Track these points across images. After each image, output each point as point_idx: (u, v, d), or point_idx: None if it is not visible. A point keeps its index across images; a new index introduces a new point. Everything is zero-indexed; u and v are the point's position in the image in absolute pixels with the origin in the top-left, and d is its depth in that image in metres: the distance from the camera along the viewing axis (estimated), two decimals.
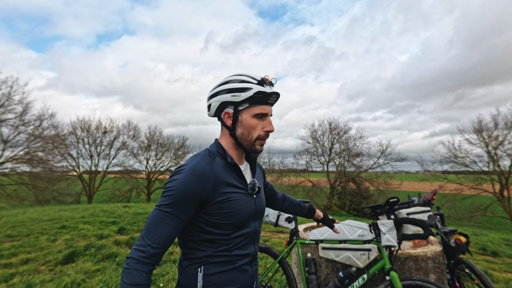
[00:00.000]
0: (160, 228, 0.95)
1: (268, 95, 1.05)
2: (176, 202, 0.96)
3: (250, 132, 1.07)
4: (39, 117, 19.46)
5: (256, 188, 1.11)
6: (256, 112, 1.06)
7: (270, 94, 1.05)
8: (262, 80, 1.06)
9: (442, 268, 2.16)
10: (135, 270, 0.91)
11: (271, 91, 1.06)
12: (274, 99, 1.08)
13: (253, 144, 1.08)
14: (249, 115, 1.06)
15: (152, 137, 28.51)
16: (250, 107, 1.06)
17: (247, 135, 1.07)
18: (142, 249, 0.93)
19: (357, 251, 1.96)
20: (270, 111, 1.09)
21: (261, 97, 1.04)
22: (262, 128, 1.07)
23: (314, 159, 25.19)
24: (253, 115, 1.06)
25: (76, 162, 25.18)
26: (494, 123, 18.43)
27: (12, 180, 18.68)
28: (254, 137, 1.07)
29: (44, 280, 3.21)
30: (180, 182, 0.98)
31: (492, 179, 18.23)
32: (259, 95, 1.04)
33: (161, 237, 0.95)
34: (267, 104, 1.07)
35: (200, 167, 1.01)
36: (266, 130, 1.08)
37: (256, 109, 1.06)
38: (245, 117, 1.07)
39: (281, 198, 1.57)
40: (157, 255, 0.95)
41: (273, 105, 1.11)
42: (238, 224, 1.05)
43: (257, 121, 1.07)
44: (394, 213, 2.13)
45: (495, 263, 4.43)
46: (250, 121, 1.06)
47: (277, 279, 3.38)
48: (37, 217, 7.35)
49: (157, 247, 0.94)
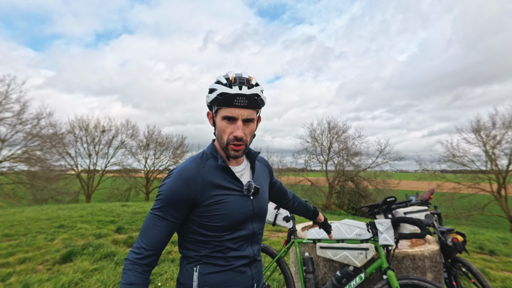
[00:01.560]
0: (152, 231, 0.99)
1: (231, 97, 0.97)
2: (165, 205, 1.00)
3: (221, 135, 1.04)
4: (37, 116, 19.40)
5: (252, 189, 1.09)
6: (223, 114, 1.01)
7: (233, 95, 0.97)
8: (228, 80, 1.00)
9: (439, 267, 2.17)
10: (130, 271, 0.96)
11: (235, 93, 0.97)
12: (241, 101, 0.98)
13: (226, 148, 1.04)
14: (219, 117, 1.03)
15: (151, 136, 28.48)
16: (220, 109, 1.02)
17: (220, 138, 1.05)
18: (136, 251, 0.98)
19: (354, 250, 1.96)
20: (240, 114, 1.00)
21: (224, 99, 0.98)
22: (231, 132, 1.02)
23: (313, 158, 25.24)
24: (222, 117, 1.02)
25: (74, 161, 25.12)
26: (492, 122, 18.52)
27: (10, 179, 18.61)
28: (225, 141, 1.03)
29: (41, 279, 3.20)
30: (168, 186, 1.01)
31: (489, 178, 18.31)
32: (221, 96, 0.99)
33: (153, 240, 0.99)
34: (234, 107, 0.99)
35: (187, 170, 1.02)
36: (234, 135, 1.01)
37: (224, 111, 1.01)
38: (218, 119, 1.04)
39: (292, 197, 1.55)
40: (151, 256, 0.99)
41: (247, 107, 1.00)
42: (231, 226, 1.03)
43: (226, 124, 1.02)
44: (391, 212, 2.13)
45: (492, 261, 4.45)
46: (220, 124, 1.03)
47: (275, 278, 3.38)
48: (35, 216, 7.32)
49: (150, 249, 0.98)
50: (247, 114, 1.01)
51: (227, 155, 1.06)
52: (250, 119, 1.03)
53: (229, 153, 1.05)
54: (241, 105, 0.99)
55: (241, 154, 1.06)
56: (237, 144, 1.02)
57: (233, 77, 1.01)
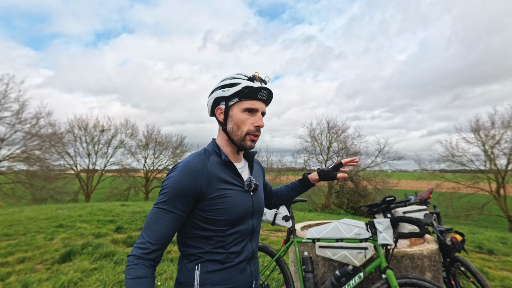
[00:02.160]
0: (158, 225, 0.98)
1: (257, 90, 1.06)
2: (171, 198, 1.00)
3: (239, 127, 1.08)
4: (36, 115, 19.37)
5: (253, 185, 1.12)
6: (245, 106, 1.07)
7: (259, 88, 1.06)
8: (252, 76, 1.09)
9: (438, 266, 2.17)
10: (136, 265, 0.94)
11: (259, 86, 1.06)
12: (264, 94, 1.08)
13: (243, 139, 1.08)
14: (239, 110, 1.08)
15: (150, 136, 28.46)
16: (240, 101, 1.07)
17: (237, 129, 1.08)
18: (142, 246, 0.96)
19: (353, 250, 1.96)
20: (260, 107, 1.09)
21: (249, 92, 1.05)
22: (252, 123, 1.08)
23: (312, 157, 25.25)
24: (243, 109, 1.07)
25: (73, 161, 25.09)
26: (491, 122, 18.58)
27: (9, 178, 18.58)
28: (244, 132, 1.08)
29: (40, 279, 3.20)
30: (174, 179, 1.01)
31: (488, 178, 18.35)
32: (247, 89, 1.05)
33: (160, 233, 0.98)
34: (256, 100, 1.08)
35: (193, 164, 1.04)
36: (256, 125, 1.08)
37: (245, 104, 1.07)
38: (235, 112, 1.08)
39: (275, 194, 1.54)
40: (157, 251, 0.98)
41: (265, 101, 1.11)
42: (233, 220, 1.05)
43: (247, 116, 1.07)
44: (390, 211, 2.14)
45: (491, 261, 4.47)
46: (239, 116, 1.07)
47: (274, 278, 3.39)
48: (34, 216, 7.32)
49: (156, 243, 0.97)
50: (264, 108, 1.11)
51: (243, 147, 1.11)
52: (264, 113, 1.12)
53: (246, 144, 1.09)
54: (263, 98, 1.09)
55: (254, 146, 1.12)
56: (256, 134, 1.09)
57: (256, 74, 1.09)
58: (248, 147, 1.10)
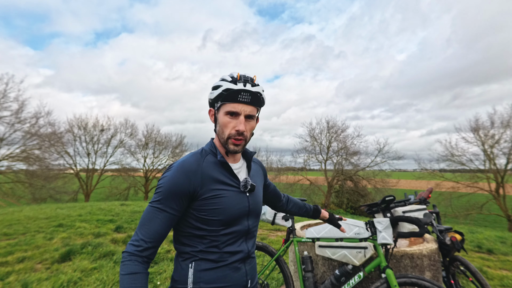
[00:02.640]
0: (152, 223, 1.00)
1: (236, 92, 1.03)
2: (165, 198, 1.01)
3: (223, 130, 1.08)
4: (35, 115, 19.35)
5: (249, 186, 1.12)
6: (227, 109, 1.06)
7: (238, 91, 1.03)
8: (234, 78, 1.07)
9: (438, 265, 2.17)
10: (129, 261, 0.96)
11: (239, 88, 1.03)
12: (245, 97, 1.04)
13: (226, 143, 1.08)
14: (222, 113, 1.07)
15: (150, 135, 28.44)
16: (223, 104, 1.07)
17: (221, 132, 1.09)
18: (135, 244, 0.98)
19: (353, 249, 1.97)
20: (243, 109, 1.05)
21: (228, 94, 1.04)
22: (233, 127, 1.06)
23: (312, 157, 25.25)
24: (225, 112, 1.07)
25: (73, 160, 25.07)
26: (490, 121, 18.58)
27: (9, 178, 18.56)
28: (226, 135, 1.07)
29: (40, 278, 3.20)
30: (168, 178, 1.02)
31: (488, 178, 18.37)
32: (226, 92, 1.04)
33: (153, 232, 0.99)
34: (237, 102, 1.05)
35: (187, 164, 1.05)
36: (236, 129, 1.05)
37: (227, 107, 1.06)
38: (220, 115, 1.09)
39: (285, 200, 1.56)
40: (150, 249, 0.99)
41: (250, 103, 1.06)
42: (228, 221, 1.06)
43: (229, 119, 1.06)
44: (390, 211, 2.14)
45: (490, 260, 4.47)
46: (222, 119, 1.07)
47: (274, 277, 3.39)
48: (34, 215, 7.31)
49: (150, 241, 0.99)
50: (249, 110, 1.07)
51: (227, 150, 1.09)
52: (252, 115, 1.08)
53: (229, 148, 1.08)
54: (245, 100, 1.05)
55: (240, 150, 1.09)
56: (238, 138, 1.06)
57: (239, 75, 1.07)
58: (231, 150, 1.08)
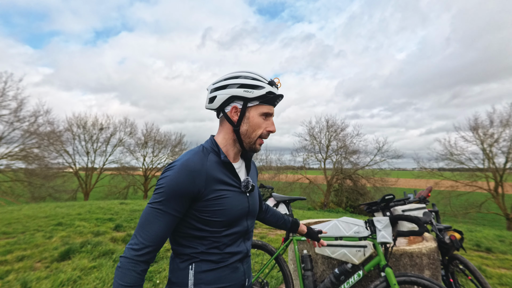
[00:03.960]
0: (153, 226, 0.95)
1: (277, 97, 1.10)
2: (167, 199, 0.96)
3: (254, 130, 1.08)
4: (34, 114, 19.33)
5: (250, 186, 1.10)
6: (264, 111, 1.08)
7: (278, 96, 1.10)
8: (272, 81, 1.10)
9: (437, 264, 2.18)
10: (128, 270, 0.92)
11: (279, 94, 1.10)
12: (279, 101, 1.13)
13: (254, 143, 1.10)
14: (257, 113, 1.08)
15: (149, 134, 28.42)
16: (259, 105, 1.08)
17: (251, 132, 1.08)
18: (135, 248, 0.93)
19: (352, 248, 1.97)
20: (273, 112, 1.13)
21: (271, 98, 1.08)
22: (266, 128, 1.10)
23: (311, 156, 25.31)
24: (260, 113, 1.08)
25: (72, 159, 25.07)
26: (489, 120, 18.64)
27: (8, 176, 18.54)
28: (257, 135, 1.09)
29: (39, 277, 3.20)
30: (171, 178, 0.96)
31: (487, 176, 18.42)
32: (270, 95, 1.07)
33: (154, 235, 0.95)
34: (273, 105, 1.11)
35: (192, 163, 1.00)
36: (269, 130, 1.10)
37: (264, 108, 1.08)
38: (253, 115, 1.08)
39: (265, 209, 1.51)
40: (151, 253, 0.95)
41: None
42: (229, 222, 1.04)
43: (262, 120, 1.09)
44: (389, 210, 2.14)
45: (489, 259, 4.49)
46: (256, 119, 1.08)
47: (273, 276, 3.40)
48: (33, 214, 7.30)
49: (151, 244, 0.95)
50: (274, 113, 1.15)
51: (253, 150, 1.12)
52: None
53: (256, 147, 1.11)
54: (276, 104, 1.14)
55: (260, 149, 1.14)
56: (265, 138, 1.12)
57: (278, 80, 1.13)
58: (257, 150, 1.12)
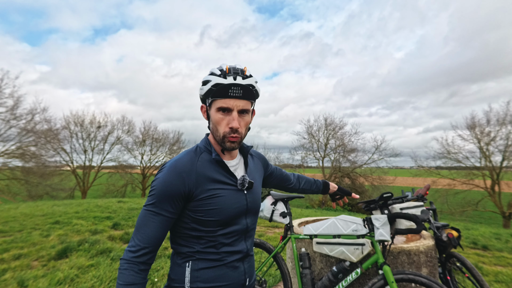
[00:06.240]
0: (148, 227, 0.96)
1: (226, 87, 0.96)
2: (159, 200, 0.97)
3: (217, 128, 1.02)
4: (31, 111, 19.19)
5: (246, 184, 1.08)
6: (218, 106, 0.99)
7: (228, 86, 0.96)
8: (223, 71, 0.99)
9: (434, 262, 2.19)
10: (126, 270, 0.93)
11: (230, 83, 0.96)
12: (236, 91, 0.97)
13: (222, 141, 1.02)
14: (214, 109, 1.01)
15: (147, 132, 28.34)
16: (214, 100, 1.00)
17: (216, 130, 1.03)
18: (132, 250, 0.95)
19: (350, 246, 1.97)
20: (235, 105, 0.99)
21: (218, 90, 0.97)
22: (227, 124, 1.00)
23: (309, 154, 25.36)
24: (216, 109, 1.00)
25: (69, 157, 24.94)
26: (486, 119, 18.74)
27: (4, 175, 18.44)
28: (221, 133, 1.01)
29: (36, 275, 3.18)
30: (161, 180, 0.98)
31: (483, 175, 18.55)
32: (215, 87, 0.97)
33: (150, 236, 0.96)
34: (229, 98, 0.98)
35: (181, 163, 1.00)
36: (230, 126, 0.99)
37: (218, 103, 0.99)
38: (212, 112, 1.02)
39: (296, 179, 1.54)
40: (148, 254, 0.96)
41: (243, 97, 0.99)
42: (225, 221, 1.02)
43: (222, 116, 1.00)
44: (387, 208, 2.14)
45: (486, 256, 4.52)
46: (214, 116, 1.01)
47: (271, 274, 3.40)
48: (30, 212, 7.26)
49: (147, 246, 0.96)
50: (242, 105, 1.00)
51: (224, 148, 1.04)
52: (245, 110, 1.02)
53: (226, 146, 1.02)
54: (236, 95, 0.98)
55: (237, 146, 1.03)
56: (233, 136, 1.00)
57: (228, 67, 0.99)
58: (228, 148, 1.02)
